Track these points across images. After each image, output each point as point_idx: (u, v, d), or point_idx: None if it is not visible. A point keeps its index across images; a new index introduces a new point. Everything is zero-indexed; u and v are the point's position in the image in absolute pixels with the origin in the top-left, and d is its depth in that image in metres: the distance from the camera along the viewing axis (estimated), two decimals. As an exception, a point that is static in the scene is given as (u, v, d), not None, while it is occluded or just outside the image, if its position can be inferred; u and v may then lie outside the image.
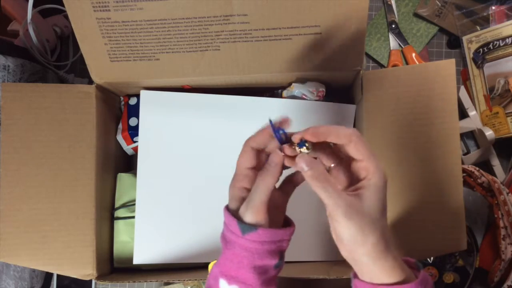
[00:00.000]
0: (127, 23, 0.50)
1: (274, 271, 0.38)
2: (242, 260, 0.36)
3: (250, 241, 0.35)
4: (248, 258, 0.35)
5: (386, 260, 0.33)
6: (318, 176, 0.33)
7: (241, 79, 0.58)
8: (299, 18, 0.50)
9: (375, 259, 0.33)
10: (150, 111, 0.60)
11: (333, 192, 0.32)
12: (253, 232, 0.35)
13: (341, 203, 0.32)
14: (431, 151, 0.53)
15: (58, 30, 0.75)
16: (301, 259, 0.61)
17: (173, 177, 0.60)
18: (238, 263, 0.36)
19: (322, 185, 0.32)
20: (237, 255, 0.36)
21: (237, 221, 0.35)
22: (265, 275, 0.37)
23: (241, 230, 0.35)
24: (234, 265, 0.36)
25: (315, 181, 0.33)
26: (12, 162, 0.55)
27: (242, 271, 0.36)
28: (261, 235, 0.35)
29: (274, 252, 0.36)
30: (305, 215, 0.61)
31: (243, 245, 0.35)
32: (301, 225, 0.61)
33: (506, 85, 0.69)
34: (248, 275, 0.36)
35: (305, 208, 0.58)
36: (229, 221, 0.36)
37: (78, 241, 0.55)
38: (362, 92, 0.56)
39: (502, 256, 0.61)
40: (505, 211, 0.61)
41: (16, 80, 0.65)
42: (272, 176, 0.35)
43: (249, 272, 0.36)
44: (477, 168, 0.65)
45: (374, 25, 0.76)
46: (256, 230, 0.35)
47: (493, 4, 0.71)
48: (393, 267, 0.33)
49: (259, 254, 0.35)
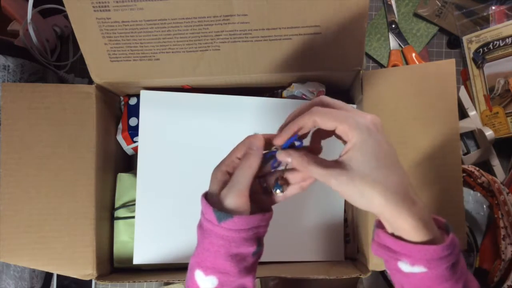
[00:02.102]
0: (127, 23, 0.50)
1: (253, 259, 0.37)
2: (219, 249, 0.35)
3: (226, 229, 0.35)
4: (224, 246, 0.35)
5: (409, 215, 0.31)
6: (301, 162, 0.34)
7: (241, 79, 0.58)
8: (299, 18, 0.50)
9: (393, 214, 0.31)
10: (150, 111, 0.60)
11: (320, 170, 0.33)
12: (229, 220, 0.34)
13: (330, 176, 0.32)
14: (431, 151, 0.53)
15: (58, 30, 0.75)
16: (301, 259, 0.61)
17: (173, 177, 0.60)
18: (215, 253, 0.35)
19: (307, 167, 0.33)
20: (214, 244, 0.35)
21: (213, 208, 0.35)
22: (243, 263, 0.36)
23: (217, 218, 0.35)
24: (211, 254, 0.36)
25: (301, 167, 0.34)
26: (12, 162, 0.55)
27: (219, 260, 0.35)
28: (237, 223, 0.34)
29: (251, 239, 0.36)
30: (305, 215, 0.61)
31: (219, 233, 0.35)
32: (301, 225, 0.62)
33: (506, 85, 0.69)
34: (225, 263, 0.35)
35: (305, 208, 0.58)
36: (206, 209, 0.36)
37: (78, 241, 0.55)
38: (362, 92, 0.56)
39: (502, 256, 0.61)
40: (505, 211, 0.61)
41: (16, 80, 0.65)
42: (255, 157, 0.35)
43: (227, 261, 0.35)
44: (477, 168, 0.65)
45: (374, 25, 0.76)
46: (232, 218, 0.34)
47: (493, 4, 0.71)
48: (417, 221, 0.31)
49: (236, 242, 0.35)
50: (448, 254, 0.32)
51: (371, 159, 0.32)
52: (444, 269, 0.32)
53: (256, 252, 0.37)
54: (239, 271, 0.36)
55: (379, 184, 0.31)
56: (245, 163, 0.35)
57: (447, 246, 0.32)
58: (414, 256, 0.32)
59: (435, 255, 0.31)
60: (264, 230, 0.38)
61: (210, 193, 0.37)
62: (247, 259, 0.37)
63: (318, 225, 0.62)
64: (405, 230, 0.32)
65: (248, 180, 0.35)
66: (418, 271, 0.32)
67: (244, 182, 0.35)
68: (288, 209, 0.40)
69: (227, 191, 0.35)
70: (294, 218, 0.42)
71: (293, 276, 0.55)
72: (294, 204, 0.60)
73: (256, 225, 0.36)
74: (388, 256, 0.34)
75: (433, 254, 0.31)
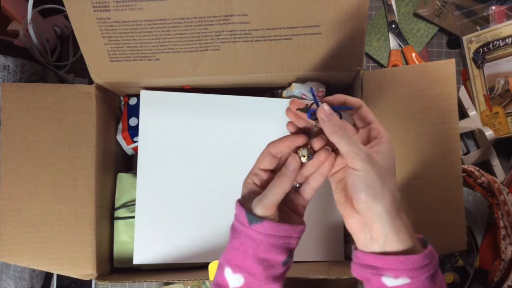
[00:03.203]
0: (127, 23, 0.50)
1: (282, 268, 0.38)
2: (247, 250, 0.36)
3: (255, 232, 0.36)
4: (253, 248, 0.36)
5: (400, 220, 0.34)
6: (336, 125, 0.34)
7: (241, 79, 0.58)
8: (299, 18, 0.50)
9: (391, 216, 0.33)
10: (150, 111, 0.60)
11: (352, 140, 0.34)
12: (259, 224, 0.36)
13: (361, 151, 0.33)
14: (431, 151, 0.53)
15: (58, 30, 0.75)
16: (301, 259, 0.61)
17: (173, 177, 0.60)
18: (244, 252, 0.37)
19: (341, 132, 0.34)
20: (243, 244, 0.37)
21: (245, 211, 0.36)
22: (271, 270, 0.37)
23: (248, 221, 0.36)
24: (240, 253, 0.37)
25: (334, 130, 0.34)
26: (12, 162, 0.55)
27: (247, 260, 0.36)
28: (266, 227, 0.36)
29: (280, 247, 0.37)
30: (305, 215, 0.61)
31: (249, 234, 0.36)
32: (301, 225, 0.61)
33: (506, 85, 0.69)
34: (252, 265, 0.36)
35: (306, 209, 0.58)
36: (239, 211, 0.37)
37: (78, 241, 0.55)
38: (362, 92, 0.56)
39: (502, 256, 0.61)
40: (505, 211, 0.61)
41: (16, 80, 0.65)
42: (288, 179, 0.36)
43: (254, 263, 0.36)
44: (477, 168, 0.65)
45: (374, 25, 0.76)
46: (262, 222, 0.36)
47: (493, 4, 0.71)
48: (405, 231, 0.34)
49: (264, 246, 0.36)
50: (428, 263, 0.33)
51: (392, 164, 0.35)
52: (425, 279, 0.33)
53: (286, 262, 0.38)
54: (266, 277, 0.37)
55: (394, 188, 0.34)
56: (279, 182, 0.36)
57: (426, 255, 0.33)
58: (398, 267, 0.33)
59: (416, 264, 0.33)
60: (295, 242, 0.38)
61: (243, 199, 0.39)
62: (276, 267, 0.37)
63: (318, 225, 0.62)
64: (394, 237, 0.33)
65: (279, 198, 0.36)
66: (402, 283, 0.33)
67: (275, 199, 0.36)
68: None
69: (257, 202, 0.36)
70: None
71: (293, 276, 0.55)
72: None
73: (286, 235, 0.37)
74: (370, 274, 0.34)
75: (414, 263, 0.33)
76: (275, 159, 0.38)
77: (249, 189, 0.38)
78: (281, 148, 0.37)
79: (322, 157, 0.37)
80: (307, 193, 0.40)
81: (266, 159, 0.38)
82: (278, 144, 0.37)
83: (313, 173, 0.38)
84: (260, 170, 0.38)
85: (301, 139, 0.37)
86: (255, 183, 0.38)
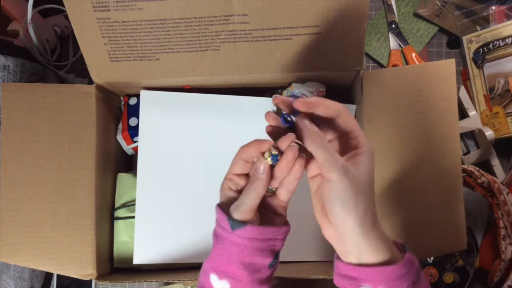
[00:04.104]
0: (127, 23, 0.50)
1: (268, 271, 0.37)
2: (232, 256, 0.36)
3: (239, 237, 0.35)
4: (237, 253, 0.36)
5: (374, 233, 0.33)
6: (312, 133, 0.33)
7: (241, 79, 0.58)
8: (299, 18, 0.50)
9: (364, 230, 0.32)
10: (150, 111, 0.60)
11: (329, 149, 0.33)
12: (242, 228, 0.35)
13: (337, 162, 0.32)
14: (431, 151, 0.53)
15: (58, 30, 0.75)
16: (301, 259, 0.61)
17: (173, 177, 0.60)
18: (228, 258, 0.36)
19: (316, 140, 0.33)
20: (227, 250, 0.36)
21: (227, 217, 0.36)
22: (257, 274, 0.37)
23: (231, 226, 0.35)
24: (224, 260, 0.36)
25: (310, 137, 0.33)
26: (12, 162, 0.55)
27: (231, 266, 0.36)
28: (250, 231, 0.35)
29: (265, 250, 0.36)
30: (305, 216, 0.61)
31: (233, 240, 0.36)
32: (301, 225, 0.61)
33: (506, 85, 0.69)
34: (238, 271, 0.36)
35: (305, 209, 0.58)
36: (220, 217, 0.37)
37: (78, 241, 0.55)
38: (362, 92, 0.56)
39: (502, 256, 0.61)
40: (505, 211, 0.61)
41: (16, 80, 0.65)
42: (261, 183, 0.35)
43: (239, 268, 0.36)
44: (477, 168, 0.65)
45: (374, 25, 0.76)
46: (244, 226, 0.35)
47: (493, 4, 0.71)
48: (380, 243, 0.33)
49: (249, 251, 0.36)
50: (406, 272, 0.33)
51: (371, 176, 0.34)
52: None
53: (272, 264, 0.37)
54: (252, 281, 0.36)
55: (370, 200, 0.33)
56: (253, 187, 0.35)
57: (404, 265, 0.33)
58: (375, 279, 0.32)
59: (393, 274, 0.32)
60: (280, 244, 0.38)
61: (222, 204, 0.38)
62: (262, 271, 0.37)
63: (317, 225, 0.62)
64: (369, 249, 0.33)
65: (255, 202, 0.35)
66: None
67: (251, 204, 0.35)
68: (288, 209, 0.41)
69: (234, 208, 0.36)
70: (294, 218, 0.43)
71: (293, 276, 0.55)
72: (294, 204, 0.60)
73: (271, 237, 0.36)
74: (350, 284, 0.34)
75: (391, 274, 0.32)
76: (247, 163, 0.37)
77: (226, 194, 0.38)
78: (250, 153, 0.36)
79: (290, 157, 0.35)
80: (284, 196, 0.38)
81: (238, 164, 0.37)
82: (247, 149, 0.36)
83: (287, 176, 0.37)
84: (233, 176, 0.37)
85: (266, 145, 0.36)
86: (231, 188, 0.38)
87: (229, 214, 0.36)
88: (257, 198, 0.35)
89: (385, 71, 0.56)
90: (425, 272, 0.67)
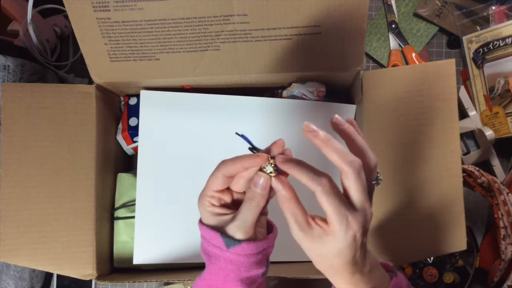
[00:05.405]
0: (127, 23, 0.50)
1: (261, 279, 0.38)
2: (229, 274, 0.35)
3: (235, 255, 0.34)
4: (234, 271, 0.35)
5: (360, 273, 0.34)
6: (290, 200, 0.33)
7: (241, 79, 0.58)
8: (299, 18, 0.50)
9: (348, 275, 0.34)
10: (150, 111, 0.60)
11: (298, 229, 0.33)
12: (237, 246, 0.34)
13: (305, 239, 0.34)
14: (431, 151, 0.53)
15: (58, 30, 0.75)
16: (301, 259, 0.61)
17: (173, 177, 0.60)
18: (225, 277, 0.35)
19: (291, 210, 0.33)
20: (223, 268, 0.35)
21: (221, 235, 0.34)
22: (253, 285, 0.37)
23: (226, 244, 0.34)
24: (221, 278, 0.36)
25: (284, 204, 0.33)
26: (12, 162, 0.55)
27: (229, 284, 0.35)
28: (245, 248, 0.34)
29: (260, 261, 0.36)
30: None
31: (228, 258, 0.35)
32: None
33: (506, 85, 0.69)
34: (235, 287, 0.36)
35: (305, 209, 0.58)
36: (211, 236, 0.35)
37: (78, 241, 0.55)
38: (362, 92, 0.56)
39: (502, 256, 0.61)
40: (505, 211, 0.61)
41: (16, 80, 0.65)
42: (264, 198, 0.34)
43: (236, 285, 0.35)
44: (477, 168, 0.65)
45: (374, 25, 0.76)
46: (240, 244, 0.34)
47: (493, 4, 0.71)
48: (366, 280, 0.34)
49: (245, 266, 0.35)
50: None
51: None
52: None
53: (265, 272, 0.37)
54: None
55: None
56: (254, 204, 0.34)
57: None
58: None
59: None
60: (272, 248, 0.38)
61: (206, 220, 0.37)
62: (257, 280, 0.37)
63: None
64: None
65: (256, 217, 0.35)
66: None
67: (253, 220, 0.35)
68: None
69: (236, 229, 0.35)
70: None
71: (293, 276, 0.55)
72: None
73: (264, 248, 0.36)
74: None
75: None
76: (229, 179, 0.35)
77: (209, 211, 0.36)
78: (235, 169, 0.34)
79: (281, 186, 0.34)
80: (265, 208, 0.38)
81: (218, 179, 0.35)
82: (230, 165, 0.35)
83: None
84: (215, 192, 0.36)
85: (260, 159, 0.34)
86: (214, 204, 0.36)
87: (222, 232, 0.35)
88: (258, 213, 0.35)
89: (385, 71, 0.56)
90: (425, 272, 0.67)
